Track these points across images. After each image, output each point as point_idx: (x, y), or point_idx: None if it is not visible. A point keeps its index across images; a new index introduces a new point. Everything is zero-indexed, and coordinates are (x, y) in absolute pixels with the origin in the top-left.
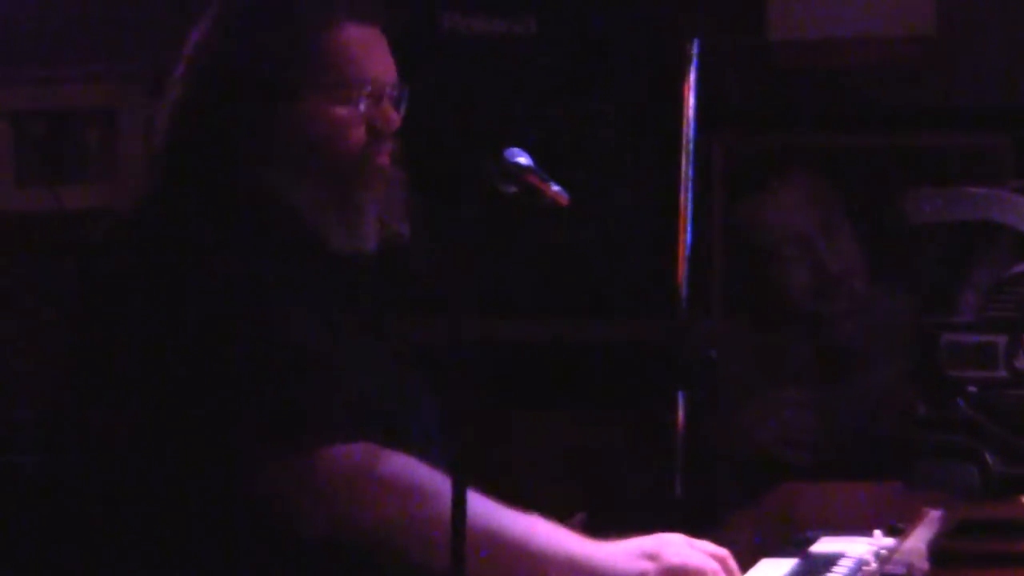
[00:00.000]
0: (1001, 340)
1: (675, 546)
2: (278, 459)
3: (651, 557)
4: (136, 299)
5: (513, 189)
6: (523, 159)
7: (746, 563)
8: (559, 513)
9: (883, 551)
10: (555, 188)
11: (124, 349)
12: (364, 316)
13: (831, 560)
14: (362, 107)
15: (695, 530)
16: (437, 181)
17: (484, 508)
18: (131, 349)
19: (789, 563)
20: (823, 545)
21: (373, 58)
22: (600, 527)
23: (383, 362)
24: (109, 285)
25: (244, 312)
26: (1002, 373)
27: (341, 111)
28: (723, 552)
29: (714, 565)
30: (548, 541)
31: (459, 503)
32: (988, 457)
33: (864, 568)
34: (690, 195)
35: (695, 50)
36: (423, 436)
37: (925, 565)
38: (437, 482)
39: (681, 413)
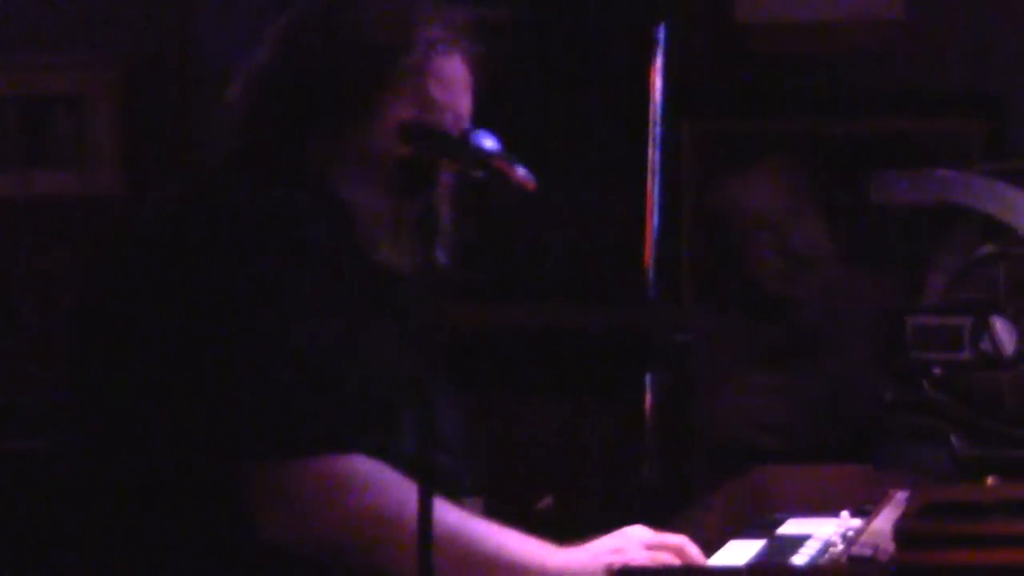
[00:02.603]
0: (967, 322)
1: (636, 540)
2: (255, 463)
3: (617, 552)
4: (155, 283)
5: (480, 174)
6: (490, 142)
7: (714, 545)
8: (529, 496)
9: (850, 532)
10: (522, 173)
11: (131, 329)
12: (398, 327)
13: (798, 542)
14: None
15: (665, 513)
16: (407, 168)
17: (456, 523)
18: (137, 330)
19: (757, 544)
20: (791, 527)
21: (462, 94)
22: (570, 511)
23: (406, 372)
24: (142, 262)
25: (252, 314)
26: (968, 355)
27: None
28: (680, 539)
29: (678, 548)
30: (521, 553)
31: (425, 510)
32: (954, 439)
33: (831, 550)
34: (658, 179)
35: (662, 34)
36: (441, 441)
37: (891, 546)
38: (414, 502)
39: (651, 398)
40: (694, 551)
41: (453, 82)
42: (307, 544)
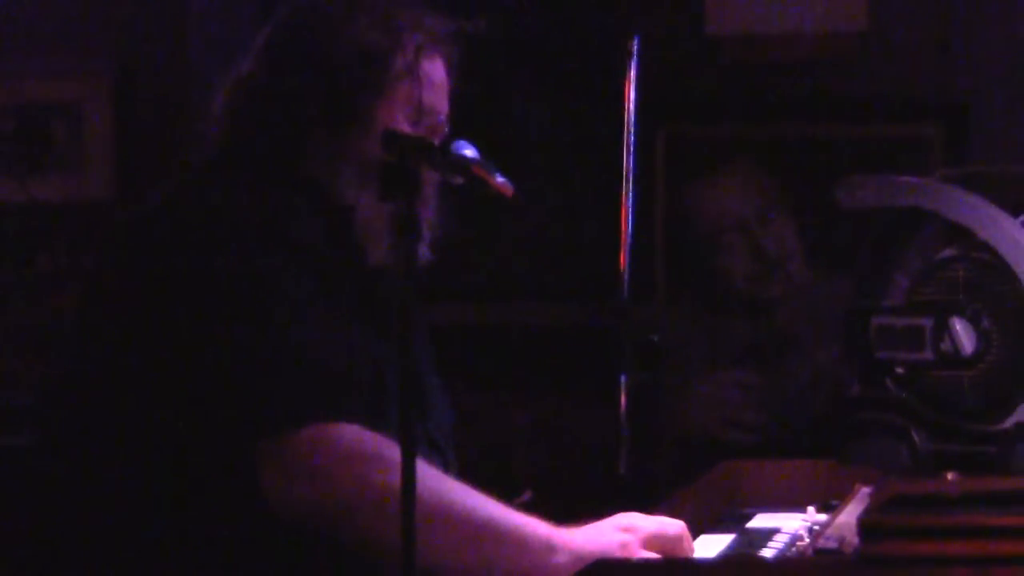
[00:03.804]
0: (928, 323)
1: (642, 518)
2: (266, 437)
3: (626, 530)
4: (149, 281)
5: (460, 180)
6: (469, 151)
7: None
8: (506, 493)
9: (816, 526)
10: (501, 180)
11: (130, 322)
12: (388, 322)
13: (767, 535)
14: (423, 132)
15: (639, 508)
16: (391, 173)
17: (463, 494)
18: (136, 323)
19: (726, 539)
20: (759, 521)
21: (444, 94)
22: (546, 507)
23: (392, 363)
24: (139, 259)
25: (249, 300)
26: (929, 355)
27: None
28: (679, 526)
29: (681, 529)
30: (527, 529)
31: (408, 491)
32: (915, 435)
33: (798, 543)
34: (632, 183)
35: (636, 46)
36: (428, 437)
37: (856, 539)
38: (421, 471)
39: (624, 397)
40: (689, 540)
41: (438, 85)
42: (318, 515)
